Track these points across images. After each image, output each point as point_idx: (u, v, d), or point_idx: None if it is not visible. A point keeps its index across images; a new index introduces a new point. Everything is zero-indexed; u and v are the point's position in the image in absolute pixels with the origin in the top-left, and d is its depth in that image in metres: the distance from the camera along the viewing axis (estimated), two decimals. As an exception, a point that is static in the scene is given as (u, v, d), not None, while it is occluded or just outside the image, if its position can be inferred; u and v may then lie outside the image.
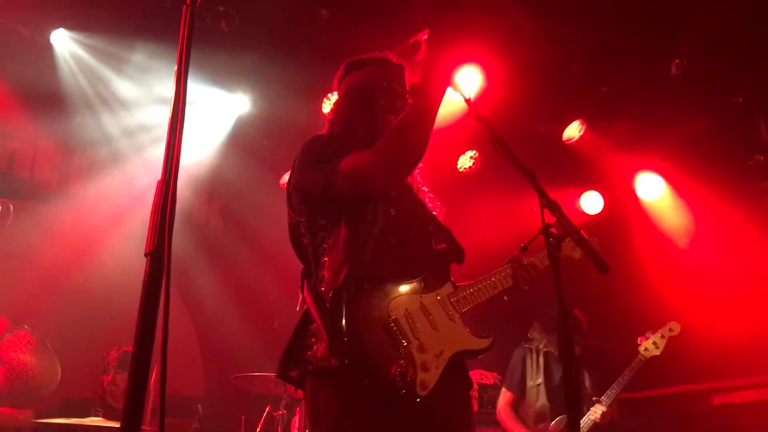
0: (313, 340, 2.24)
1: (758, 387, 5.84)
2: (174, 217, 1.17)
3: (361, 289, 2.23)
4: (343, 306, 2.18)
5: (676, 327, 5.05)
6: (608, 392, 4.89)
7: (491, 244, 5.90)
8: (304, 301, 2.36)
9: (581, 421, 4.80)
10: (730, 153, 6.13)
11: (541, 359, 5.28)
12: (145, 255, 1.20)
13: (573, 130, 6.52)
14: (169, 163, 1.18)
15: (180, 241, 1.27)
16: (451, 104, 3.83)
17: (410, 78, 2.69)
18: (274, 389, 5.31)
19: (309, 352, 2.24)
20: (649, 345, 4.99)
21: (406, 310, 2.27)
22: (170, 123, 1.23)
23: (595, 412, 4.81)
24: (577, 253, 2.87)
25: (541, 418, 5.12)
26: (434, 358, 2.23)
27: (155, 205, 1.19)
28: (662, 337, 4.99)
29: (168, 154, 1.19)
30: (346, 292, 2.21)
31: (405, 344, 2.19)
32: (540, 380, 5.20)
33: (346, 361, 2.09)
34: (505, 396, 5.37)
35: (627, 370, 4.97)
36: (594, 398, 4.89)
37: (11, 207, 4.35)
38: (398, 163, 2.35)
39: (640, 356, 4.98)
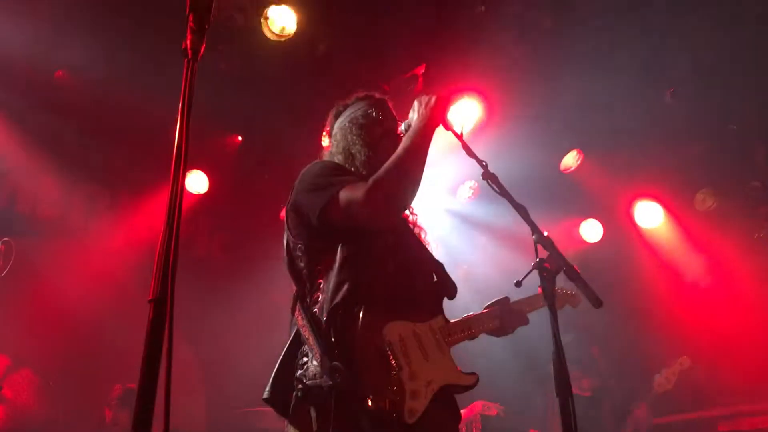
0: (304, 359, 2.24)
1: (764, 414, 5.80)
2: (177, 265, 1.20)
3: (356, 312, 2.24)
4: (338, 326, 2.19)
5: (686, 361, 5.26)
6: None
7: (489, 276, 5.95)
8: (294, 323, 2.36)
9: None
10: (726, 180, 6.17)
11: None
12: (149, 302, 1.22)
13: (570, 160, 6.58)
14: (172, 210, 1.21)
15: (181, 274, 1.29)
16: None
17: (402, 113, 2.75)
18: (276, 424, 5.28)
19: (300, 371, 2.24)
20: (662, 381, 5.21)
21: (400, 336, 2.29)
22: (173, 170, 1.26)
23: None
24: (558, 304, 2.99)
25: None
26: (423, 387, 2.24)
27: (158, 252, 1.22)
28: (673, 373, 5.20)
29: (171, 201, 1.22)
30: (341, 313, 2.22)
31: (397, 369, 2.21)
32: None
33: (338, 380, 2.08)
34: None
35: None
36: None
37: (13, 246, 4.37)
38: (392, 202, 2.37)
39: (654, 392, 5.21)
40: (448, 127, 2.50)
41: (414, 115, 2.52)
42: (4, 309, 5.26)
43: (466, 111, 5.75)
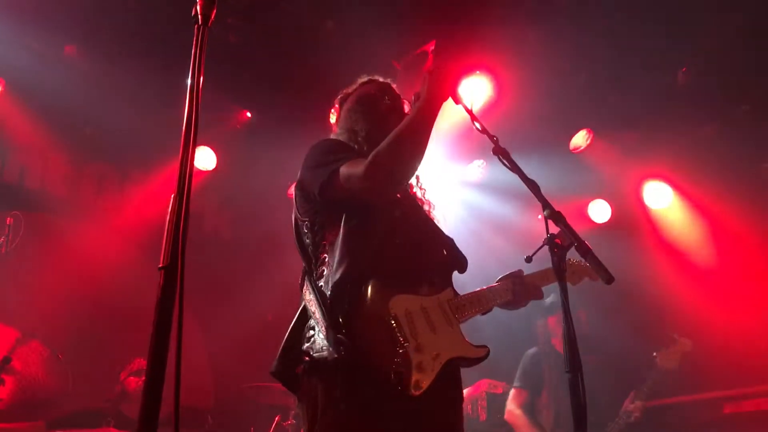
0: (311, 333, 2.26)
1: (769, 395, 5.80)
2: (187, 232, 1.20)
3: (362, 285, 2.25)
4: (343, 299, 2.20)
5: (688, 344, 5.12)
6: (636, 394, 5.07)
7: (497, 254, 5.95)
8: (302, 297, 2.38)
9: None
10: (737, 161, 6.12)
11: (555, 366, 5.27)
12: (159, 269, 1.22)
13: (580, 139, 6.54)
14: (182, 178, 1.21)
15: (189, 250, 1.30)
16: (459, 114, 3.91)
17: (412, 89, 2.73)
18: (284, 399, 5.32)
19: (306, 344, 2.25)
20: (665, 361, 5.07)
21: (407, 309, 2.29)
22: (183, 138, 1.26)
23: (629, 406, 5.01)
24: (575, 279, 2.97)
25: (559, 423, 5.12)
26: (430, 360, 2.23)
27: (169, 220, 1.21)
28: (675, 352, 5.08)
29: (181, 169, 1.21)
30: (346, 287, 2.23)
31: (403, 342, 2.21)
32: (558, 385, 5.19)
33: (343, 353, 2.08)
34: (519, 396, 5.29)
35: (649, 381, 5.08)
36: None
37: (22, 220, 4.40)
38: (392, 175, 2.35)
39: (657, 368, 5.07)
40: (458, 101, 2.46)
41: (423, 88, 2.49)
42: (12, 282, 5.30)
43: (475, 89, 5.72)
